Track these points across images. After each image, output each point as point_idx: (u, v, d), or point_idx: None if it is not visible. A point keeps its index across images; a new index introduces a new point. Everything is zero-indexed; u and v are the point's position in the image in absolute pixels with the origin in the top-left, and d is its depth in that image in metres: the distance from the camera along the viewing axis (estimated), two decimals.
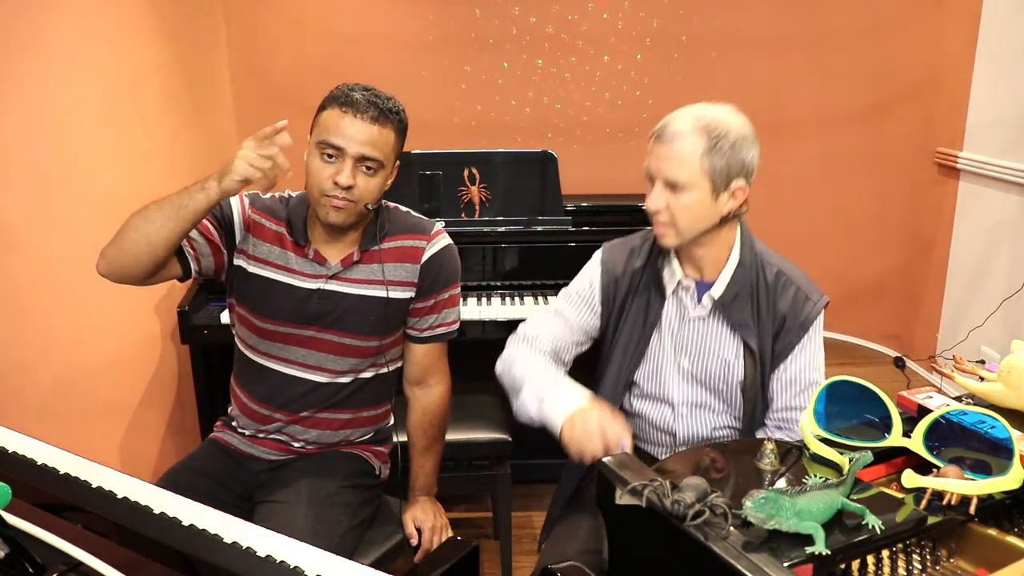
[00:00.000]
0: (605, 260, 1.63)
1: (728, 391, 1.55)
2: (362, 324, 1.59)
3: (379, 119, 1.46)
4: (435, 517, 1.71)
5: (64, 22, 2.02)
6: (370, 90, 1.49)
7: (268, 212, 1.60)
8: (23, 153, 1.87)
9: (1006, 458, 1.08)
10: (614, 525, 1.13)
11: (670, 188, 1.43)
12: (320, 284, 1.57)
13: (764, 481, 1.16)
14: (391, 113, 1.48)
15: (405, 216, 1.64)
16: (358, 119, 1.45)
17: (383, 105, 1.47)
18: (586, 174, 3.55)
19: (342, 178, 1.45)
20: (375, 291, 1.59)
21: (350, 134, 1.45)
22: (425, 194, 2.62)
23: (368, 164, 1.47)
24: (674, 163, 1.42)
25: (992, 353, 3.09)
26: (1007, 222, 3.09)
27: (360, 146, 1.45)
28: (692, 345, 1.56)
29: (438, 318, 1.66)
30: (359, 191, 1.48)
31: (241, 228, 1.58)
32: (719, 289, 1.51)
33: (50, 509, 0.88)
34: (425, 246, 1.61)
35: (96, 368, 2.16)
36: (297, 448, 1.66)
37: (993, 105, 3.19)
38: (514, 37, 3.71)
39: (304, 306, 1.57)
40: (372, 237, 1.58)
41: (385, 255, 1.58)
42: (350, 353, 1.61)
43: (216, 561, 0.81)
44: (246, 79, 3.57)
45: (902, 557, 1.00)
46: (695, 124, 1.42)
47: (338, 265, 1.57)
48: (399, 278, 1.60)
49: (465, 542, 0.90)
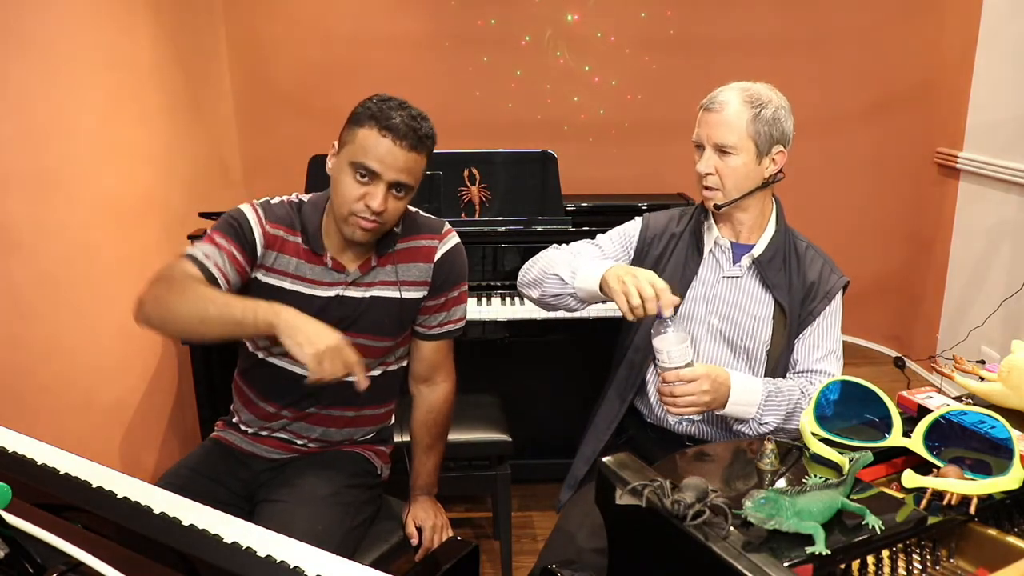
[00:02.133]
0: (646, 219, 1.77)
1: (754, 350, 1.65)
2: (378, 326, 1.60)
3: (416, 146, 1.45)
4: (435, 516, 1.71)
5: (64, 22, 2.02)
6: (406, 109, 1.47)
7: (283, 223, 1.57)
8: (23, 153, 1.87)
9: (1006, 458, 1.08)
10: (614, 525, 1.13)
11: (719, 152, 1.59)
12: (339, 291, 1.57)
13: (764, 481, 1.16)
14: (427, 139, 1.48)
15: (416, 216, 1.65)
16: (397, 146, 1.43)
17: (420, 131, 1.46)
18: (586, 174, 3.55)
19: (375, 203, 1.44)
20: (390, 292, 1.59)
21: (389, 161, 1.43)
22: (425, 194, 2.62)
23: (400, 189, 1.48)
24: (724, 128, 1.57)
25: (992, 353, 3.09)
26: (1007, 222, 3.09)
27: (397, 173, 1.45)
28: (724, 304, 1.66)
29: (447, 315, 1.67)
30: (388, 214, 1.48)
31: (262, 246, 1.55)
32: (760, 248, 1.65)
33: (50, 509, 0.88)
34: (438, 245, 1.62)
35: (96, 368, 2.16)
36: (299, 447, 1.66)
37: (993, 105, 3.18)
38: (514, 38, 3.71)
39: (322, 315, 1.51)
40: (388, 241, 1.58)
41: (400, 256, 1.59)
42: (364, 354, 1.57)
43: (216, 561, 0.81)
44: (246, 79, 3.57)
45: (902, 557, 1.00)
46: (741, 95, 1.60)
47: (357, 272, 1.57)
48: (413, 278, 1.60)
49: (465, 542, 0.90)
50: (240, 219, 1.53)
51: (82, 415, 2.09)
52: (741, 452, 1.30)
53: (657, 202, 2.80)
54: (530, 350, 2.25)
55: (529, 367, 2.64)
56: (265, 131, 3.69)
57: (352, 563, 0.81)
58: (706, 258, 1.68)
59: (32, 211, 1.90)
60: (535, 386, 2.64)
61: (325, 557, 0.81)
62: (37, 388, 1.93)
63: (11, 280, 1.85)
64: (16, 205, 1.86)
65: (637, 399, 1.76)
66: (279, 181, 3.62)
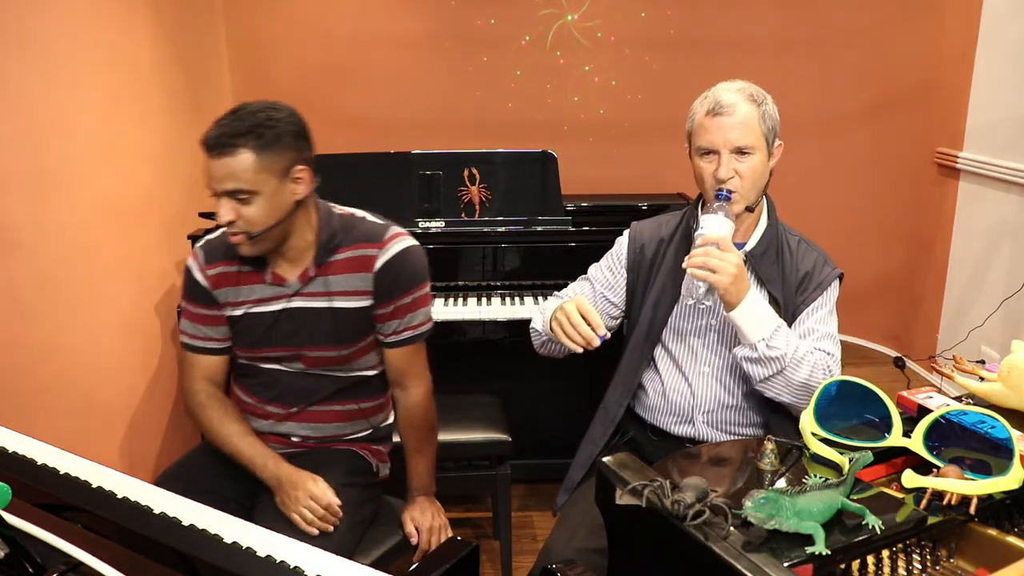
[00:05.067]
0: (633, 228, 1.79)
1: None
2: (329, 335, 1.59)
3: (227, 149, 1.41)
4: (433, 517, 1.71)
5: (64, 22, 2.02)
6: (226, 118, 1.44)
7: (221, 259, 1.60)
8: (23, 153, 1.87)
9: (1006, 458, 1.08)
10: (614, 525, 1.13)
11: (738, 154, 1.56)
12: (284, 304, 1.58)
13: (764, 481, 1.16)
14: (238, 136, 1.41)
15: (360, 223, 1.61)
16: (213, 159, 1.43)
17: (228, 132, 1.42)
18: (586, 174, 3.55)
19: (221, 219, 1.46)
20: (324, 303, 1.59)
21: (213, 176, 1.44)
22: (425, 194, 2.62)
23: (237, 195, 1.45)
24: (741, 130, 1.55)
25: (992, 353, 3.09)
26: (1007, 222, 3.09)
27: (221, 184, 1.44)
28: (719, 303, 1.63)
29: (402, 323, 1.63)
30: (242, 223, 1.47)
31: (213, 290, 1.61)
32: (752, 243, 1.64)
33: (50, 509, 0.88)
34: (378, 254, 1.58)
35: (96, 368, 2.16)
36: (296, 442, 1.67)
37: (993, 105, 3.18)
38: (515, 37, 3.71)
39: (274, 330, 1.59)
40: (326, 250, 1.57)
41: (338, 266, 1.57)
42: (326, 362, 1.63)
43: (216, 561, 0.81)
44: (246, 79, 3.57)
45: (902, 557, 1.00)
46: (742, 95, 1.58)
47: (297, 282, 1.57)
48: (350, 287, 1.58)
49: (465, 542, 0.90)
50: (188, 276, 1.63)
51: (82, 415, 2.09)
52: (741, 452, 1.30)
53: (657, 202, 2.80)
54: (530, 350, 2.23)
55: (529, 367, 2.64)
56: None
57: (352, 563, 0.81)
58: None
59: (32, 211, 1.90)
60: (535, 386, 2.64)
61: (325, 557, 0.81)
62: (37, 388, 1.93)
63: (11, 280, 1.85)
64: (16, 205, 1.86)
65: (635, 402, 1.76)
66: None
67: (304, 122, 1.54)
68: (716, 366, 1.65)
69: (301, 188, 1.52)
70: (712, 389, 1.66)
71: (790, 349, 1.51)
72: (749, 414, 1.66)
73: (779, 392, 1.54)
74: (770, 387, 1.54)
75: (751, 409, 1.65)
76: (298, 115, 1.52)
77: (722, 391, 1.65)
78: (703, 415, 1.66)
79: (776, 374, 1.52)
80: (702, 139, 1.58)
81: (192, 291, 1.63)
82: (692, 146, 1.63)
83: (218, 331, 1.63)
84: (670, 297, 1.67)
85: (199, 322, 1.63)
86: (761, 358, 1.51)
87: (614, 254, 1.78)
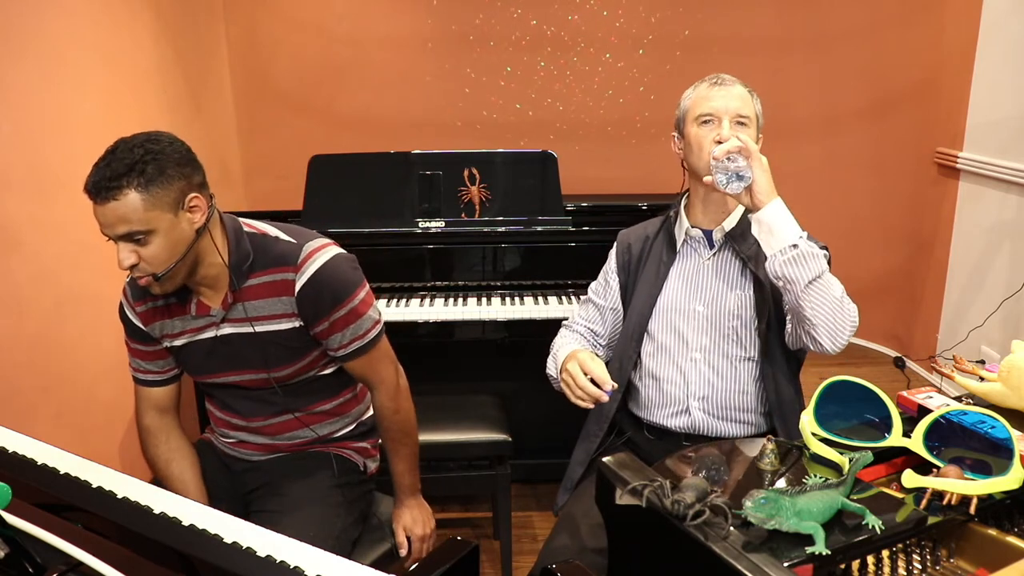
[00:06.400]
0: (620, 235, 1.84)
1: (743, 329, 1.64)
2: (263, 359, 1.55)
3: (111, 193, 1.32)
4: (423, 525, 1.68)
5: (64, 22, 2.02)
6: (104, 160, 1.35)
7: (146, 295, 1.54)
8: (23, 153, 1.87)
9: (1006, 458, 1.08)
10: (614, 525, 1.13)
11: (737, 124, 1.59)
12: (214, 332, 1.54)
13: (764, 481, 1.16)
14: (119, 178, 1.32)
15: (273, 244, 1.53)
16: (99, 206, 1.34)
17: (108, 171, 1.33)
18: (586, 174, 3.55)
19: (121, 264, 1.38)
20: (247, 328, 1.54)
21: (103, 222, 1.35)
22: (425, 194, 2.62)
23: (132, 237, 1.36)
24: (741, 101, 1.62)
25: (992, 353, 3.09)
26: (1007, 222, 3.09)
27: (113, 229, 1.35)
28: (707, 288, 1.68)
29: (345, 335, 1.54)
30: (145, 265, 1.38)
31: (144, 326, 1.57)
32: (731, 224, 1.66)
33: (50, 509, 0.88)
34: (295, 278, 1.50)
35: (96, 368, 2.16)
36: (275, 445, 1.67)
37: (993, 105, 3.18)
38: (514, 38, 3.71)
39: (213, 356, 1.56)
40: (239, 274, 1.50)
41: (255, 291, 1.51)
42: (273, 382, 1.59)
43: (216, 561, 0.81)
44: (246, 79, 3.57)
45: (902, 557, 1.00)
46: (736, 79, 1.65)
47: (221, 310, 1.52)
48: (275, 312, 1.53)
49: (465, 542, 0.89)
50: (122, 315, 1.59)
51: (82, 415, 2.09)
52: (741, 452, 1.30)
53: (657, 202, 2.80)
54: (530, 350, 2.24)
55: (529, 367, 2.64)
56: (265, 131, 3.69)
57: (352, 563, 0.81)
58: (681, 249, 1.71)
59: (32, 211, 1.91)
60: (535, 386, 2.64)
61: (325, 557, 0.81)
62: (37, 387, 1.93)
63: (11, 279, 1.85)
64: (16, 205, 1.86)
65: (630, 400, 1.76)
66: (279, 181, 3.63)
67: (186, 147, 1.42)
68: (707, 349, 1.66)
69: (198, 216, 1.42)
70: (704, 374, 1.66)
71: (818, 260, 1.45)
72: (742, 398, 1.66)
73: (821, 303, 1.44)
74: (812, 296, 1.44)
75: (743, 392, 1.66)
76: (179, 142, 1.41)
77: (713, 375, 1.65)
78: (697, 401, 1.66)
79: (818, 277, 1.43)
80: (703, 107, 1.62)
81: (128, 328, 1.60)
82: (688, 120, 1.64)
83: (156, 364, 1.61)
84: (657, 287, 1.70)
85: (139, 357, 1.61)
86: (805, 254, 1.43)
87: (607, 268, 1.82)
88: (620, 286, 1.77)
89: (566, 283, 2.62)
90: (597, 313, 1.80)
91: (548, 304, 2.51)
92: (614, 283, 1.78)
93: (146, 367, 1.62)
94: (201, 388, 1.70)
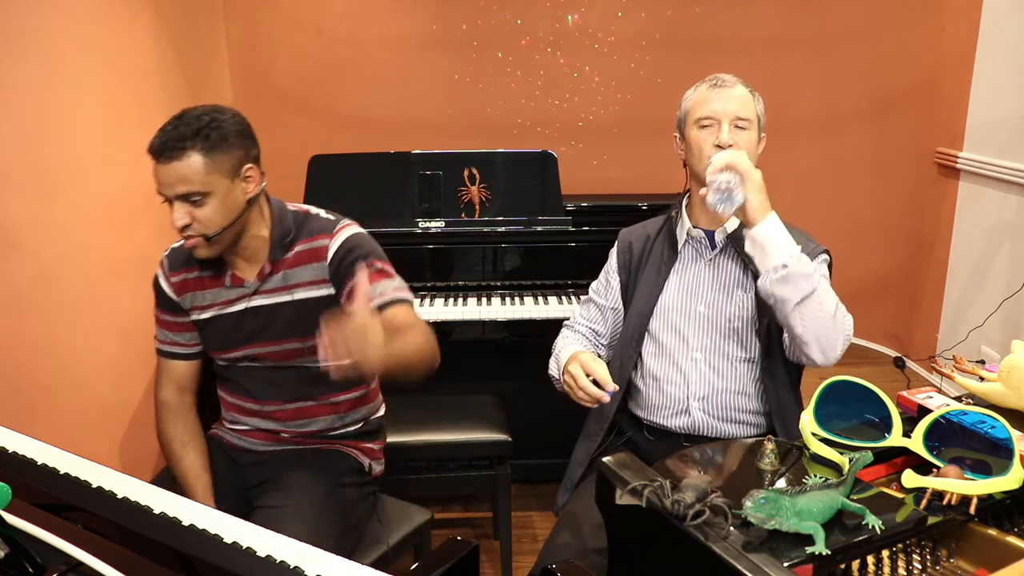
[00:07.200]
0: (621, 233, 1.83)
1: (743, 330, 1.64)
2: (295, 328, 1.60)
3: (175, 153, 1.42)
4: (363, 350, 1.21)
5: (64, 22, 2.02)
6: (171, 124, 1.45)
7: (183, 265, 1.64)
8: (23, 153, 1.87)
9: (1006, 458, 1.08)
10: (614, 525, 1.13)
11: (736, 128, 1.60)
12: (245, 304, 1.61)
13: (764, 481, 1.16)
14: (185, 140, 1.43)
15: (315, 219, 1.64)
16: (162, 165, 1.44)
17: (175, 136, 1.43)
18: (586, 174, 3.55)
19: (176, 223, 1.48)
20: (285, 297, 1.61)
21: (163, 181, 1.45)
22: (425, 194, 2.62)
23: (190, 198, 1.46)
24: (741, 102, 1.61)
25: (992, 353, 3.09)
26: (1007, 222, 3.09)
27: (173, 188, 1.45)
28: (708, 288, 1.68)
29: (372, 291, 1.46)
30: (198, 225, 1.48)
31: (177, 297, 1.65)
32: (733, 225, 1.65)
33: (50, 509, 0.88)
34: (329, 243, 1.60)
35: (96, 368, 2.16)
36: (284, 437, 1.68)
37: (993, 105, 3.18)
38: (515, 38, 3.71)
39: (239, 329, 1.62)
40: (280, 247, 1.59)
41: (294, 260, 1.60)
42: (295, 355, 1.63)
43: (216, 561, 0.81)
44: (246, 79, 3.57)
45: (902, 557, 1.00)
46: (738, 80, 1.65)
47: (255, 281, 1.60)
48: (308, 278, 1.60)
49: (465, 542, 0.89)
50: (155, 285, 1.67)
51: (82, 415, 2.09)
52: (741, 452, 1.30)
53: (657, 202, 2.80)
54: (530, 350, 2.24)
55: (529, 367, 2.65)
56: (265, 131, 3.65)
57: (352, 563, 0.81)
58: (682, 249, 1.71)
59: (32, 211, 1.90)
60: (535, 386, 2.64)
61: (325, 557, 0.81)
62: (37, 387, 1.93)
63: (11, 279, 1.85)
64: (16, 205, 1.86)
65: (630, 400, 1.76)
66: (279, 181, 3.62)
67: (247, 122, 1.55)
68: (708, 350, 1.66)
69: (251, 186, 1.54)
70: (704, 375, 1.66)
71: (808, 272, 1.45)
72: (742, 399, 1.66)
73: (812, 320, 1.45)
74: (805, 313, 1.44)
75: (743, 393, 1.66)
76: (241, 116, 1.53)
77: (714, 375, 1.66)
78: (698, 402, 1.66)
79: (810, 295, 1.44)
80: (703, 109, 1.62)
81: (159, 298, 1.67)
82: (688, 122, 1.65)
83: (184, 336, 1.67)
84: (658, 287, 1.70)
85: (166, 328, 1.68)
86: (796, 273, 1.44)
87: (607, 265, 1.83)
88: (621, 285, 1.78)
89: (566, 283, 2.62)
90: (598, 313, 1.80)
91: (548, 304, 2.51)
92: (615, 282, 1.79)
93: (172, 338, 1.67)
94: (217, 371, 1.73)
